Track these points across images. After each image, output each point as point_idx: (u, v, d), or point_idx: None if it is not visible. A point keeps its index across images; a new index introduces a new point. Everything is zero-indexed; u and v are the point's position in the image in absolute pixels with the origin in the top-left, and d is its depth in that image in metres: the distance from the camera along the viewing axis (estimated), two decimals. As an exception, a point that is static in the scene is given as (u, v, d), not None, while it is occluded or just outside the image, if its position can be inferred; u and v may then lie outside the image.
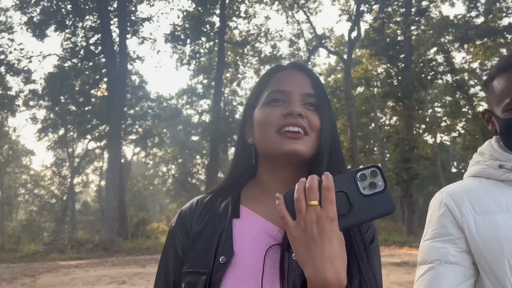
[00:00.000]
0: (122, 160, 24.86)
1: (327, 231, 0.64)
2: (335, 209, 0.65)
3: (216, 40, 23.14)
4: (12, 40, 25.67)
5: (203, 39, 23.43)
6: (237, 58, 26.88)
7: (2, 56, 22.87)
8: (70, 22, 22.19)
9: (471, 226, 0.99)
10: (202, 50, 24.51)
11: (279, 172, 0.83)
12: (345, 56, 24.47)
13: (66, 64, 24.00)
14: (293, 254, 0.70)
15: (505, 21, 20.16)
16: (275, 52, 26.03)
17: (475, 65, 23.44)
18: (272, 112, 0.81)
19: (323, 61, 77.96)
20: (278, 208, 0.67)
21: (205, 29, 22.58)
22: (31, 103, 26.04)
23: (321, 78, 35.71)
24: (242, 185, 0.88)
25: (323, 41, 25.89)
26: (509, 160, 1.02)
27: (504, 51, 21.17)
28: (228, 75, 28.55)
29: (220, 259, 0.75)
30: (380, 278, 0.80)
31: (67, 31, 22.41)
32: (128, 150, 40.31)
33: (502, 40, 20.64)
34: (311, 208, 0.64)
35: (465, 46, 21.87)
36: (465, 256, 1.00)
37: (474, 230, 0.98)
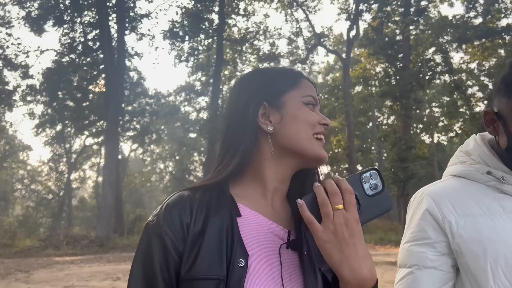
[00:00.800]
0: (120, 157, 24.83)
1: (356, 232, 0.68)
2: (357, 211, 0.70)
3: (215, 38, 23.10)
4: (10, 35, 25.54)
5: (202, 36, 23.39)
6: (236, 55, 26.85)
7: (0, 51, 22.81)
8: (68, 17, 22.11)
9: (453, 228, 0.97)
10: (200, 47, 24.47)
11: (286, 171, 0.82)
12: (343, 55, 24.47)
13: (64, 60, 23.94)
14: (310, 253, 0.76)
15: (504, 22, 20.20)
16: (273, 50, 26.01)
17: (473, 65, 23.49)
18: (313, 114, 0.82)
19: (321, 59, 77.99)
20: (303, 214, 0.69)
21: (203, 26, 22.54)
22: (28, 98, 25.99)
23: (319, 77, 35.83)
24: (231, 180, 0.80)
25: (321, 40, 25.87)
26: (498, 168, 0.99)
27: (502, 51, 21.21)
28: (226, 72, 28.53)
29: (238, 263, 0.69)
30: None
31: (65, 26, 22.33)
32: (126, 147, 40.30)
33: (500, 41, 20.67)
34: (339, 212, 0.68)
35: (463, 46, 21.90)
36: (444, 260, 0.98)
37: (456, 232, 0.96)
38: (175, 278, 0.71)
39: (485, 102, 20.94)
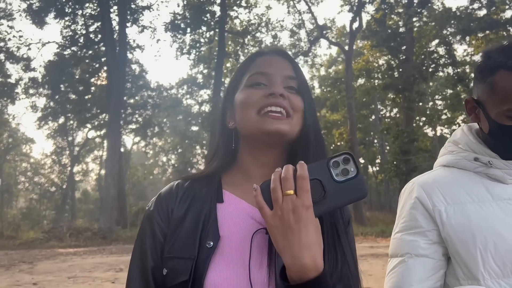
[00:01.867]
0: (122, 149, 24.88)
1: (303, 219, 0.66)
2: (310, 197, 0.67)
3: (217, 30, 23.00)
4: (12, 27, 25.54)
5: (204, 28, 23.29)
6: (238, 48, 26.75)
7: (2, 44, 22.80)
8: (70, 9, 22.05)
9: (443, 217, 0.99)
10: (202, 40, 24.39)
11: (261, 156, 0.83)
12: (346, 47, 24.34)
13: (65, 52, 23.92)
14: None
15: (508, 14, 20.08)
16: (276, 42, 25.89)
17: (476, 57, 23.34)
18: (254, 93, 0.81)
19: (324, 52, 77.72)
20: (256, 199, 0.68)
21: (205, 18, 22.44)
22: (31, 91, 26.03)
23: (322, 70, 35.60)
24: (222, 171, 0.87)
25: (324, 32, 25.73)
26: (484, 154, 1.01)
27: (506, 43, 21.05)
28: (228, 65, 28.44)
29: (207, 244, 0.74)
30: (356, 259, 0.83)
31: (66, 18, 22.28)
32: (128, 140, 40.36)
33: (504, 32, 20.51)
34: (287, 197, 0.66)
35: (467, 38, 21.75)
36: (435, 248, 1.00)
37: (446, 220, 0.98)
38: (160, 256, 0.78)
39: (489, 94, 20.84)
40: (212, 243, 0.74)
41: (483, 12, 20.26)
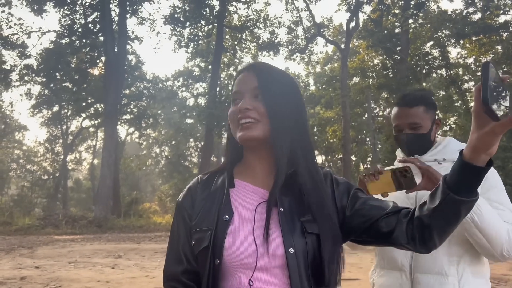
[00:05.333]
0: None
1: None
2: None
3: (215, 24, 23.12)
4: (11, 15, 25.37)
5: (202, 22, 23.38)
6: (235, 42, 26.87)
7: (-1, 30, 22.69)
8: (69, -2, 22.01)
9: None
10: (200, 33, 24.47)
11: (254, 151, 1.07)
12: (342, 46, 24.62)
13: (63, 41, 23.86)
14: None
15: (502, 19, 20.43)
16: (273, 39, 26.06)
17: (470, 60, 23.75)
18: (233, 110, 1.04)
19: (320, 49, 77.85)
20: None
21: (204, 12, 22.52)
22: (26, 78, 25.89)
23: (317, 67, 35.71)
24: (234, 165, 1.10)
25: (321, 30, 25.94)
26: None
27: (499, 48, 21.47)
28: (225, 59, 28.57)
29: (223, 217, 0.96)
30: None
31: (65, 7, 22.23)
32: (122, 130, 40.29)
33: (497, 37, 20.93)
34: None
35: (461, 41, 22.13)
36: None
37: None
38: (190, 234, 1.02)
39: (480, 97, 21.23)
40: (228, 217, 0.96)
41: (477, 16, 20.63)
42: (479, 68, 23.03)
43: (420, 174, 1.40)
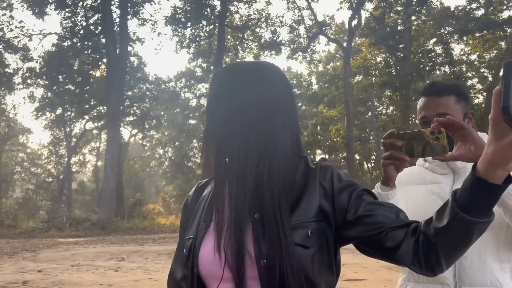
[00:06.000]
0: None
1: None
2: None
3: (217, 24, 23.07)
4: (12, 17, 25.45)
5: (204, 22, 23.35)
6: (237, 42, 26.82)
7: (0, 33, 22.75)
8: (70, 1, 22.03)
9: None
10: (202, 34, 24.44)
11: None
12: (344, 44, 24.51)
13: (65, 43, 23.90)
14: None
15: (505, 14, 20.25)
16: (275, 38, 25.99)
17: (473, 57, 23.59)
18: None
19: (322, 48, 77.61)
20: None
21: (205, 13, 22.49)
22: (28, 81, 26.00)
23: (320, 66, 35.64)
24: None
25: (323, 29, 25.85)
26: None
27: (502, 44, 21.30)
28: (227, 59, 28.51)
29: (201, 225, 0.95)
30: None
31: (67, 9, 22.26)
32: (126, 132, 40.34)
33: (501, 33, 20.75)
34: None
35: (464, 38, 21.98)
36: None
37: (398, 194, 1.34)
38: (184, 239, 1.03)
39: (484, 94, 21.11)
40: (204, 224, 0.94)
41: (480, 12, 20.48)
42: (483, 65, 23.04)
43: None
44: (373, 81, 25.15)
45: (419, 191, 1.47)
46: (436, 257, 0.79)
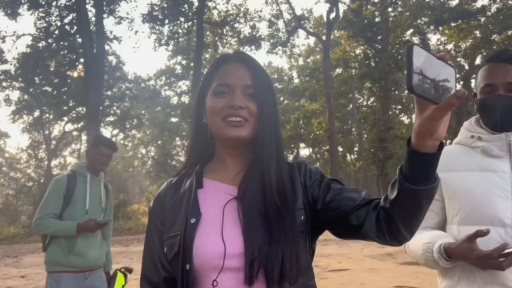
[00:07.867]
0: (101, 142, 24.47)
1: None
2: None
3: (195, 20, 22.87)
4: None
5: (182, 19, 23.10)
6: (216, 38, 26.67)
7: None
8: (44, 0, 21.51)
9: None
10: (180, 31, 24.20)
11: (231, 149, 1.02)
12: (323, 37, 24.62)
13: (40, 44, 23.35)
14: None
15: (479, 3, 20.71)
16: (254, 33, 25.93)
17: (449, 46, 24.01)
18: (219, 102, 0.97)
19: (302, 42, 77.87)
20: None
21: (183, 9, 22.25)
22: (3, 84, 25.36)
23: (300, 60, 35.77)
24: (205, 162, 1.06)
25: (302, 22, 25.90)
26: (479, 133, 1.34)
27: (477, 33, 21.73)
28: (207, 55, 28.34)
29: (191, 221, 0.93)
30: None
31: (40, 9, 21.72)
32: (106, 132, 39.75)
33: (475, 22, 21.16)
34: None
35: (440, 28, 22.33)
36: (435, 203, 1.36)
37: (441, 183, 1.30)
38: (162, 240, 0.99)
39: (461, 82, 21.52)
40: (195, 220, 0.93)
41: (455, 2, 20.84)
42: (459, 54, 23.47)
43: None
44: (353, 73, 25.38)
45: (472, 179, 1.29)
46: (396, 227, 0.85)
